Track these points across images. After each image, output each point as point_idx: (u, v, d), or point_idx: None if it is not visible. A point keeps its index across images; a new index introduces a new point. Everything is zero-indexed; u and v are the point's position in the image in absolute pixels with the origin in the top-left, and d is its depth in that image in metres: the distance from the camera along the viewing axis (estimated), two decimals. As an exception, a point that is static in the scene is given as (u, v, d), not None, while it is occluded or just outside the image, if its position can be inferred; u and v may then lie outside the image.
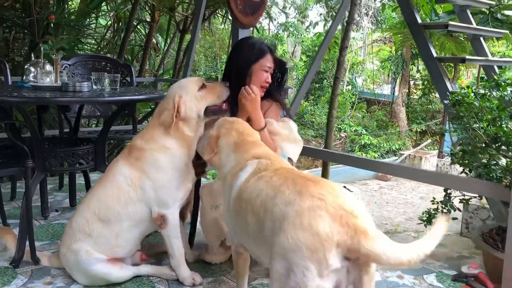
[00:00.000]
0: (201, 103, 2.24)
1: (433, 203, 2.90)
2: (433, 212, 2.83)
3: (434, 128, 13.72)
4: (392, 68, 14.88)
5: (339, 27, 7.75)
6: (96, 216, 2.19)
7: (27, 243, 2.44)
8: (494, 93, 2.72)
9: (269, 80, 2.43)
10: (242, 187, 1.83)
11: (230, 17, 4.66)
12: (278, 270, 1.53)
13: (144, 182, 2.18)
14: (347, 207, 1.52)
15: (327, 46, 5.13)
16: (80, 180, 3.70)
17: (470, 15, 4.20)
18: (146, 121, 5.54)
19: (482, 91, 2.69)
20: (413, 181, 7.21)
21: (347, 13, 6.14)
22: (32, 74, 2.91)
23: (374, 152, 12.72)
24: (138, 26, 7.24)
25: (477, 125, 2.69)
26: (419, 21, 3.77)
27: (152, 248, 2.63)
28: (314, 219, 1.48)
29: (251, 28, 6.93)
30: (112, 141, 5.53)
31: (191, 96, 2.22)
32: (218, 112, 2.29)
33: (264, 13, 13.13)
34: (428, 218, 2.82)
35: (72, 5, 7.01)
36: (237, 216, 1.84)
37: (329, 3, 11.52)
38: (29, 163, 2.42)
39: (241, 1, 3.61)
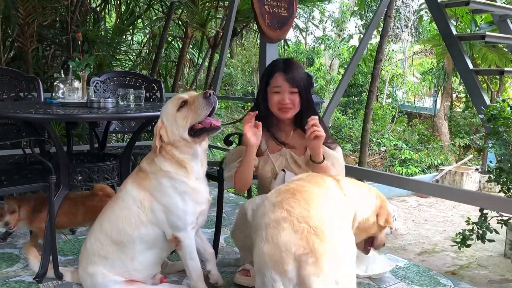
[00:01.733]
0: (181, 124, 2.05)
1: (468, 224, 2.72)
2: (468, 233, 2.66)
3: (478, 142, 13.22)
4: (433, 80, 14.50)
5: (378, 39, 7.60)
6: (109, 239, 2.15)
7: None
8: (533, 107, 2.55)
9: (284, 101, 2.25)
10: None
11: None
12: (258, 283, 1.54)
13: (153, 205, 2.11)
14: (313, 223, 1.48)
15: (359, 59, 5.02)
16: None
17: (510, 25, 4.01)
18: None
19: (520, 105, 2.53)
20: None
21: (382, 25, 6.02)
22: (61, 91, 2.95)
23: (415, 167, 12.36)
24: (173, 42, 7.37)
25: (516, 141, 2.53)
26: (454, 32, 3.62)
27: (173, 266, 2.59)
28: (277, 231, 1.49)
29: (282, 42, 6.93)
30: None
31: (171, 120, 2.06)
32: (210, 131, 2.07)
33: (300, 27, 13.13)
34: (462, 240, 2.65)
35: (111, 22, 7.23)
36: None
37: (367, 14, 11.37)
38: (53, 179, 2.45)
39: (269, 15, 3.59)
